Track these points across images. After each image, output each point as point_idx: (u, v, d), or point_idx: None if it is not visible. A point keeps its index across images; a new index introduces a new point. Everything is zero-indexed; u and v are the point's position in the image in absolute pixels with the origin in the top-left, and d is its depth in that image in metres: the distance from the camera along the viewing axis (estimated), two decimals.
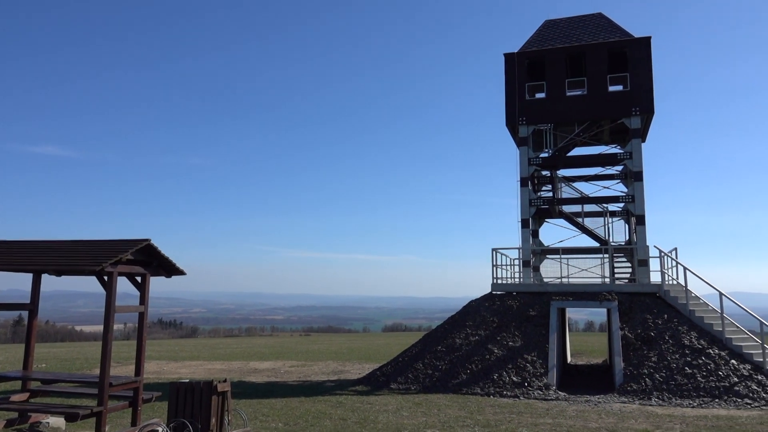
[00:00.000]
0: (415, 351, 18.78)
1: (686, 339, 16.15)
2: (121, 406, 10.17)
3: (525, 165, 20.62)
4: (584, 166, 22.17)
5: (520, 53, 21.06)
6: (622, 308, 17.52)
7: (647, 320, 17.00)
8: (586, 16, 22.06)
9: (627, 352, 16.31)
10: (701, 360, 15.48)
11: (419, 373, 17.29)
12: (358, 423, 11.68)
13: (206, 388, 9.47)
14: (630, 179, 19.96)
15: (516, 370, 16.42)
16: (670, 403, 14.27)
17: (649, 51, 19.79)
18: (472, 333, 18.15)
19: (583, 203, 21.94)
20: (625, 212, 21.85)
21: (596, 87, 20.19)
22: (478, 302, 19.68)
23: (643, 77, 19.67)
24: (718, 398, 14.31)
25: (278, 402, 14.55)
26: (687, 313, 17.07)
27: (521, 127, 20.70)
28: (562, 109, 20.54)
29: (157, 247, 10.26)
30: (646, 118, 20.02)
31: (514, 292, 19.42)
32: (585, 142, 22.22)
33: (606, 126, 21.32)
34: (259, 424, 11.56)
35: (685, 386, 14.84)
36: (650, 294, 17.99)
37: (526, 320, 17.99)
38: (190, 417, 9.41)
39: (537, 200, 20.74)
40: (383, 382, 17.46)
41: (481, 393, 15.70)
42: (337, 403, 14.43)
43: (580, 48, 20.58)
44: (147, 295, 10.43)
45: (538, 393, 15.44)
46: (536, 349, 16.98)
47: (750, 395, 14.31)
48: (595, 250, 21.17)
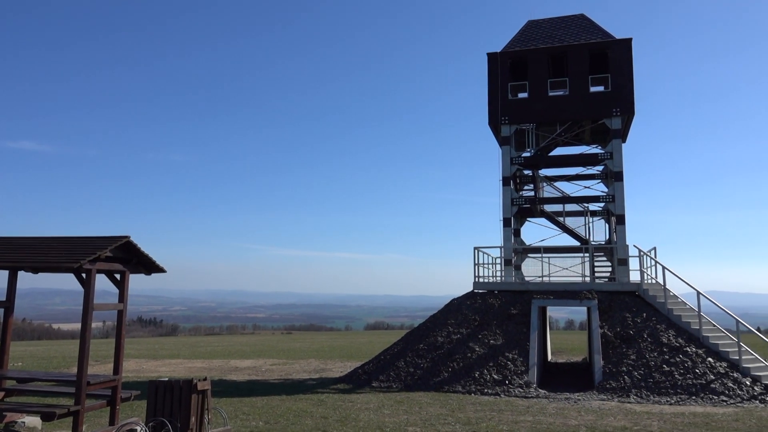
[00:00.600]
0: (397, 349, 18.80)
1: (664, 337, 16.37)
2: (98, 405, 10.04)
3: (507, 164, 20.72)
4: (565, 165, 22.36)
5: (503, 53, 21.15)
6: (601, 307, 17.69)
7: (626, 319, 17.19)
8: (569, 17, 22.22)
9: (606, 350, 16.48)
10: (679, 358, 15.70)
11: (401, 371, 17.31)
12: (340, 421, 11.66)
13: (186, 386, 9.38)
14: (610, 179, 20.15)
15: (497, 368, 16.51)
16: (648, 400, 14.45)
17: (630, 52, 19.99)
18: (454, 331, 18.21)
19: (564, 203, 22.12)
20: (606, 212, 22.06)
21: (578, 87, 20.35)
22: (460, 300, 19.76)
23: (624, 78, 19.86)
24: (695, 395, 14.52)
25: (259, 400, 14.47)
26: (665, 311, 17.29)
27: (504, 126, 20.80)
28: (544, 108, 20.67)
29: (136, 244, 10.13)
30: (626, 118, 20.23)
31: (495, 291, 19.52)
32: (566, 142, 22.39)
33: (587, 126, 21.50)
34: (240, 422, 11.49)
35: (662, 384, 15.04)
36: (629, 293, 18.20)
37: (508, 318, 18.10)
38: (169, 416, 9.32)
39: (519, 199, 20.86)
40: (365, 381, 17.45)
41: (463, 391, 15.77)
42: (319, 401, 14.39)
43: (562, 48, 20.73)
44: (126, 293, 10.30)
45: (519, 391, 15.54)
46: (517, 347, 17.08)
47: (726, 392, 14.54)
48: (575, 249, 21.36)
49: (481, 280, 20.14)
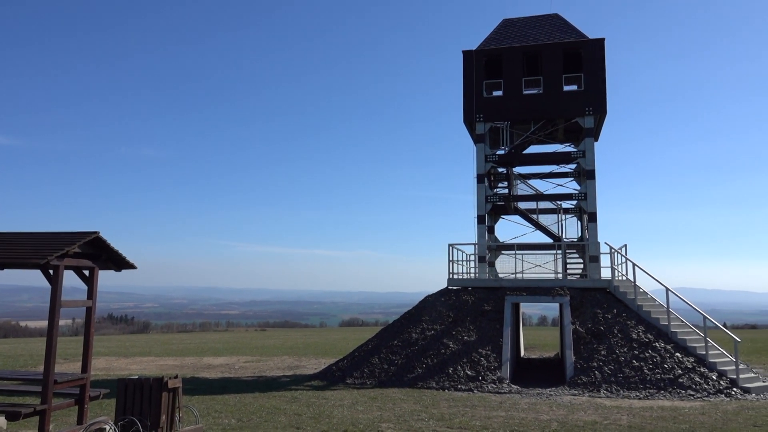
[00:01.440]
0: (371, 346, 18.80)
1: (634, 333, 16.65)
2: (66, 404, 9.85)
3: (482, 162, 20.84)
4: (539, 163, 22.57)
5: (478, 51, 21.25)
6: (573, 303, 17.92)
7: (597, 315, 17.44)
8: (543, 17, 22.42)
9: (578, 345, 16.71)
10: (648, 353, 15.99)
11: (375, 367, 17.32)
12: (313, 418, 11.62)
13: (156, 384, 9.25)
14: (583, 177, 20.41)
15: (471, 364, 16.62)
16: (618, 395, 14.68)
17: (603, 52, 20.24)
18: (428, 327, 18.28)
19: (538, 200, 22.35)
20: (578, 209, 22.34)
21: (552, 86, 20.54)
22: (434, 297, 19.83)
23: (597, 78, 20.11)
24: (663, 390, 14.81)
25: (232, 398, 14.36)
26: (635, 307, 17.59)
27: (478, 124, 20.91)
28: (519, 107, 20.83)
29: (106, 240, 9.95)
30: (598, 117, 20.50)
31: (469, 287, 19.64)
32: (540, 140, 22.60)
33: (561, 125, 21.73)
34: (212, 420, 11.38)
35: (632, 378, 15.30)
36: (601, 289, 18.46)
37: (481, 315, 18.23)
38: (139, 414, 9.18)
39: (493, 197, 21.00)
40: (339, 377, 17.43)
41: (437, 387, 15.84)
42: (292, 398, 14.33)
43: (536, 47, 20.90)
44: (95, 290, 10.11)
45: (492, 386, 15.67)
46: (491, 343, 17.22)
47: (693, 387, 14.86)
48: (548, 246, 21.59)
49: (456, 276, 20.24)
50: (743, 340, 17.50)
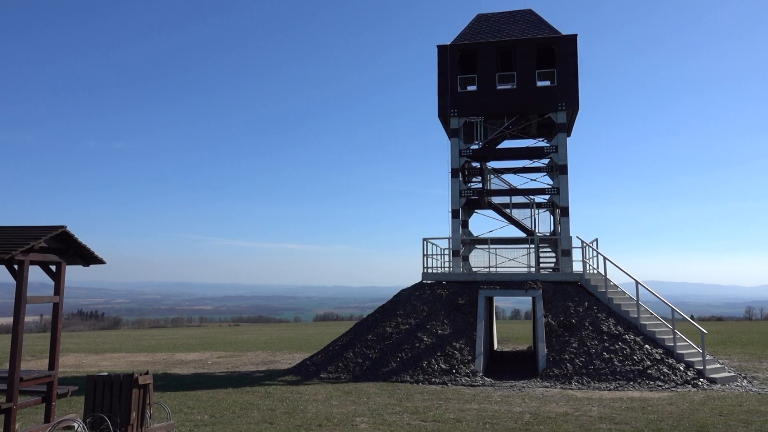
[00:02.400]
0: (346, 340, 18.78)
1: (605, 325, 16.91)
2: (33, 402, 9.64)
3: (456, 156, 20.92)
4: (513, 158, 22.74)
5: (452, 46, 21.28)
6: (546, 296, 18.13)
7: (569, 308, 17.67)
8: (517, 12, 22.54)
9: (550, 338, 16.91)
10: (618, 345, 16.26)
11: (349, 362, 17.31)
12: (287, 413, 11.57)
13: (126, 380, 9.11)
14: (555, 172, 20.62)
15: (445, 357, 16.71)
16: (588, 386, 14.91)
17: (575, 48, 20.44)
18: (403, 322, 18.32)
19: (511, 194, 22.53)
20: (551, 204, 22.58)
21: (525, 81, 20.68)
22: (408, 291, 19.88)
23: (570, 73, 20.31)
24: (632, 381, 15.08)
25: (204, 394, 14.22)
26: (606, 300, 17.86)
27: (453, 118, 20.97)
28: (493, 102, 20.94)
29: (73, 235, 9.74)
30: (571, 113, 20.71)
31: (443, 281, 19.73)
32: (514, 135, 22.76)
33: (534, 120, 21.91)
34: (184, 416, 11.25)
35: (603, 370, 15.55)
36: (572, 283, 18.70)
37: (455, 309, 18.33)
38: (108, 411, 9.03)
39: (467, 191, 21.11)
40: (313, 372, 17.38)
41: (411, 381, 15.89)
42: (266, 393, 14.25)
43: (510, 43, 21.01)
44: (62, 285, 9.90)
45: (466, 379, 15.78)
46: (464, 336, 17.33)
47: (661, 378, 15.16)
48: (521, 241, 21.78)
49: (430, 270, 20.31)
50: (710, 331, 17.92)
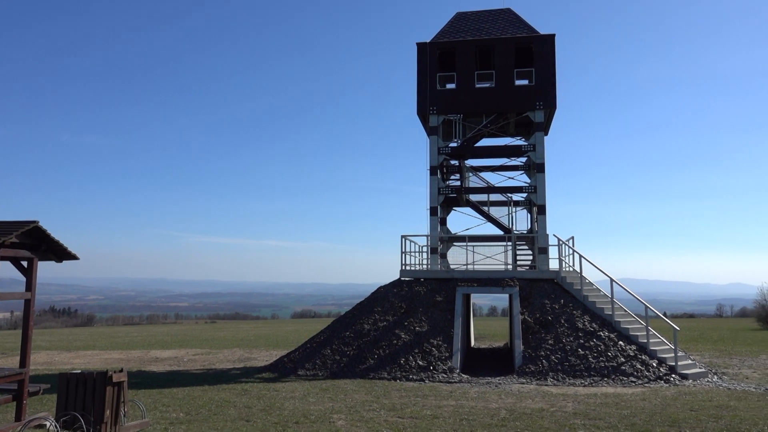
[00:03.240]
0: (324, 337, 18.75)
1: (580, 322, 17.13)
2: (3, 400, 9.45)
3: (435, 154, 20.98)
4: (491, 156, 22.89)
5: (431, 43, 21.32)
6: (522, 294, 18.29)
7: (545, 305, 17.86)
8: (496, 11, 22.65)
9: (526, 335, 17.07)
10: (593, 342, 16.48)
11: (327, 359, 17.29)
12: (264, 410, 11.51)
13: (100, 378, 8.98)
14: (533, 170, 20.80)
15: (422, 354, 16.77)
16: (564, 382, 15.09)
17: (553, 48, 20.62)
18: (381, 318, 18.35)
19: (489, 193, 22.66)
20: (528, 202, 22.77)
21: (503, 80, 20.80)
22: (386, 288, 19.90)
23: (547, 73, 20.48)
24: (606, 377, 15.30)
25: (180, 391, 14.08)
26: (581, 298, 18.09)
27: (432, 116, 21.02)
28: (471, 100, 21.03)
29: (45, 230, 9.56)
30: (548, 112, 20.89)
31: (421, 279, 19.79)
32: (492, 134, 22.90)
33: (512, 118, 22.06)
34: (159, 414, 11.13)
35: (578, 367, 15.75)
36: (549, 280, 18.89)
37: (433, 306, 18.40)
38: (81, 410, 8.90)
39: (445, 189, 21.19)
40: (290, 369, 17.32)
41: (388, 377, 15.93)
42: (243, 390, 14.16)
43: (489, 41, 21.11)
44: (34, 281, 9.72)
45: (443, 376, 15.87)
46: (442, 333, 17.41)
47: (635, 374, 15.41)
48: (499, 238, 21.94)
49: (408, 268, 20.36)
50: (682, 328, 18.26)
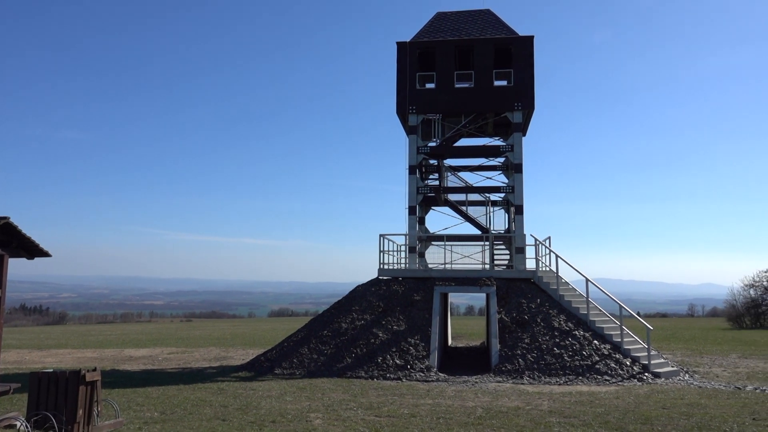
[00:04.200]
0: (301, 336, 18.69)
1: (556, 322, 17.31)
2: None
3: (414, 153, 21.03)
4: (469, 156, 23.02)
5: (411, 43, 21.36)
6: (499, 293, 18.42)
7: (522, 304, 18.01)
8: (475, 12, 22.77)
9: (503, 334, 17.20)
10: (568, 341, 16.67)
11: (304, 357, 17.23)
12: (240, 409, 11.43)
13: (72, 377, 8.83)
14: (510, 171, 20.96)
15: (399, 353, 16.80)
16: (539, 381, 15.24)
17: (532, 49, 20.79)
18: (358, 317, 18.34)
19: (467, 192, 22.79)
20: (506, 202, 22.94)
21: (482, 81, 20.92)
22: (364, 287, 19.89)
23: (526, 74, 20.64)
24: (581, 375, 15.49)
25: (155, 390, 13.92)
26: (557, 297, 18.28)
27: (411, 115, 21.05)
28: (451, 100, 21.11)
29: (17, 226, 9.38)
30: (527, 113, 21.07)
31: (399, 278, 19.82)
32: (471, 134, 23.02)
33: (490, 119, 22.20)
34: (133, 414, 10.98)
35: (553, 365, 15.92)
36: (525, 280, 19.05)
37: (411, 305, 18.44)
38: (53, 409, 8.74)
39: (424, 188, 21.25)
40: (267, 368, 17.23)
41: (366, 376, 15.93)
42: (219, 389, 14.04)
43: (468, 42, 21.21)
44: (4, 278, 9.52)
45: (420, 375, 15.91)
46: (419, 332, 17.46)
47: (609, 372, 15.63)
48: (476, 238, 22.08)
49: (386, 266, 20.37)
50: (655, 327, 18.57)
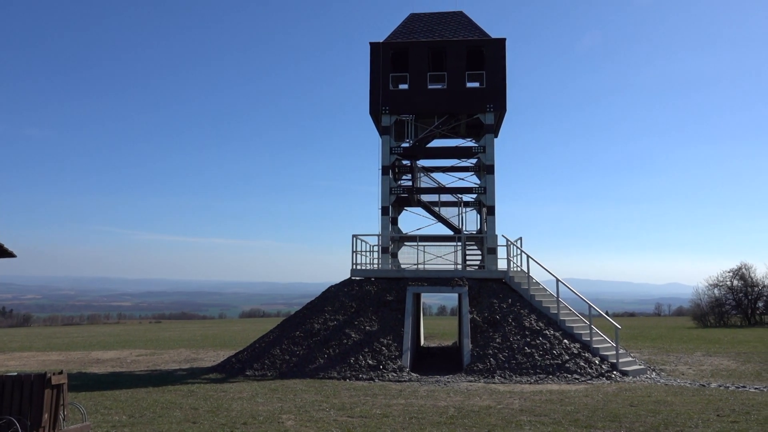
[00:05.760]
0: (273, 337, 18.56)
1: (527, 321, 17.51)
2: None
3: (387, 154, 21.06)
4: (442, 157, 23.15)
5: (385, 44, 21.38)
6: (471, 293, 18.56)
7: (494, 304, 18.17)
8: (448, 13, 22.89)
9: (475, 334, 17.34)
10: (539, 340, 16.88)
11: (276, 359, 17.12)
12: (211, 412, 11.30)
13: (37, 381, 8.62)
14: (483, 172, 21.13)
15: (372, 353, 16.80)
16: (511, 380, 15.40)
17: (504, 52, 20.98)
18: (331, 318, 18.28)
19: (440, 193, 22.92)
20: (478, 203, 23.12)
21: (455, 82, 21.04)
22: (337, 287, 19.85)
23: (498, 76, 20.82)
24: (552, 374, 15.70)
25: (123, 393, 13.69)
26: (528, 297, 18.49)
27: (384, 116, 21.08)
28: (424, 101, 21.20)
29: None
30: (499, 114, 21.26)
31: (372, 278, 19.82)
32: (444, 135, 23.16)
33: (463, 120, 22.36)
34: (101, 417, 10.78)
35: (524, 364, 16.10)
36: (497, 280, 19.23)
37: (383, 305, 18.46)
38: (18, 414, 8.52)
39: (397, 189, 21.30)
40: (238, 369, 17.07)
41: (338, 377, 15.89)
42: (189, 392, 13.87)
43: (441, 43, 21.32)
44: None
45: (393, 375, 15.94)
46: (392, 332, 17.49)
47: (578, 371, 15.87)
48: (449, 238, 22.20)
49: (359, 267, 20.36)
50: (623, 327, 18.92)
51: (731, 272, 43.49)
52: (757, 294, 42.62)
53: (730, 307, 43.06)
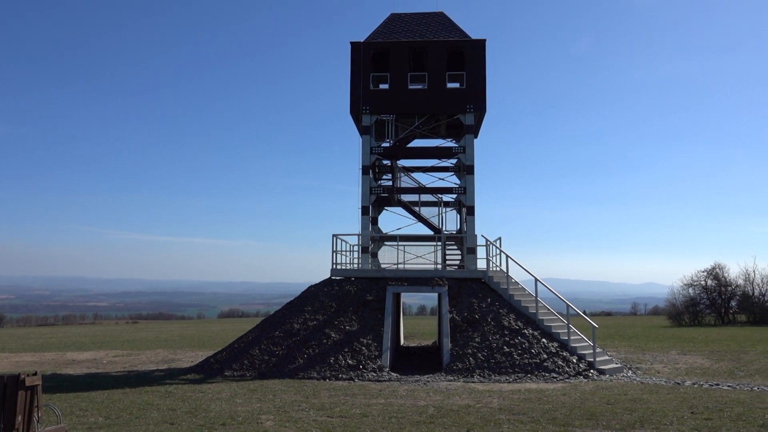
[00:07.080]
0: (252, 337, 18.45)
1: (506, 321, 17.63)
2: None
3: (367, 153, 21.05)
4: (422, 157, 23.21)
5: (366, 43, 21.37)
6: (451, 293, 18.64)
7: (473, 304, 18.27)
8: (429, 14, 22.96)
9: (454, 333, 17.42)
10: (518, 340, 17.01)
11: (255, 359, 17.02)
12: (189, 413, 11.20)
13: (10, 382, 8.46)
14: (462, 172, 21.23)
15: (352, 353, 16.79)
16: (490, 379, 15.50)
17: (484, 53, 21.10)
18: (311, 318, 18.23)
19: (420, 193, 22.97)
20: (458, 203, 23.22)
21: (436, 82, 21.11)
22: (317, 287, 19.80)
23: (478, 77, 20.93)
24: (530, 373, 15.83)
25: (99, 394, 13.50)
26: (507, 297, 18.63)
27: (365, 116, 21.07)
28: (404, 101, 21.24)
29: None
30: (479, 115, 21.38)
31: (352, 278, 19.81)
32: (424, 135, 23.22)
33: (443, 120, 22.44)
34: (76, 419, 10.62)
35: (503, 364, 16.22)
36: (476, 279, 19.33)
37: (363, 305, 18.46)
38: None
39: (377, 188, 21.30)
40: (217, 370, 16.95)
41: (318, 377, 15.86)
42: (166, 393, 13.73)
43: (422, 44, 21.38)
44: None
45: (372, 375, 15.95)
46: (372, 332, 17.50)
47: (556, 370, 16.02)
48: (429, 238, 22.27)
49: (339, 267, 20.33)
50: (600, 326, 19.18)
51: (705, 272, 44.25)
52: (730, 293, 43.40)
53: (704, 307, 43.77)
